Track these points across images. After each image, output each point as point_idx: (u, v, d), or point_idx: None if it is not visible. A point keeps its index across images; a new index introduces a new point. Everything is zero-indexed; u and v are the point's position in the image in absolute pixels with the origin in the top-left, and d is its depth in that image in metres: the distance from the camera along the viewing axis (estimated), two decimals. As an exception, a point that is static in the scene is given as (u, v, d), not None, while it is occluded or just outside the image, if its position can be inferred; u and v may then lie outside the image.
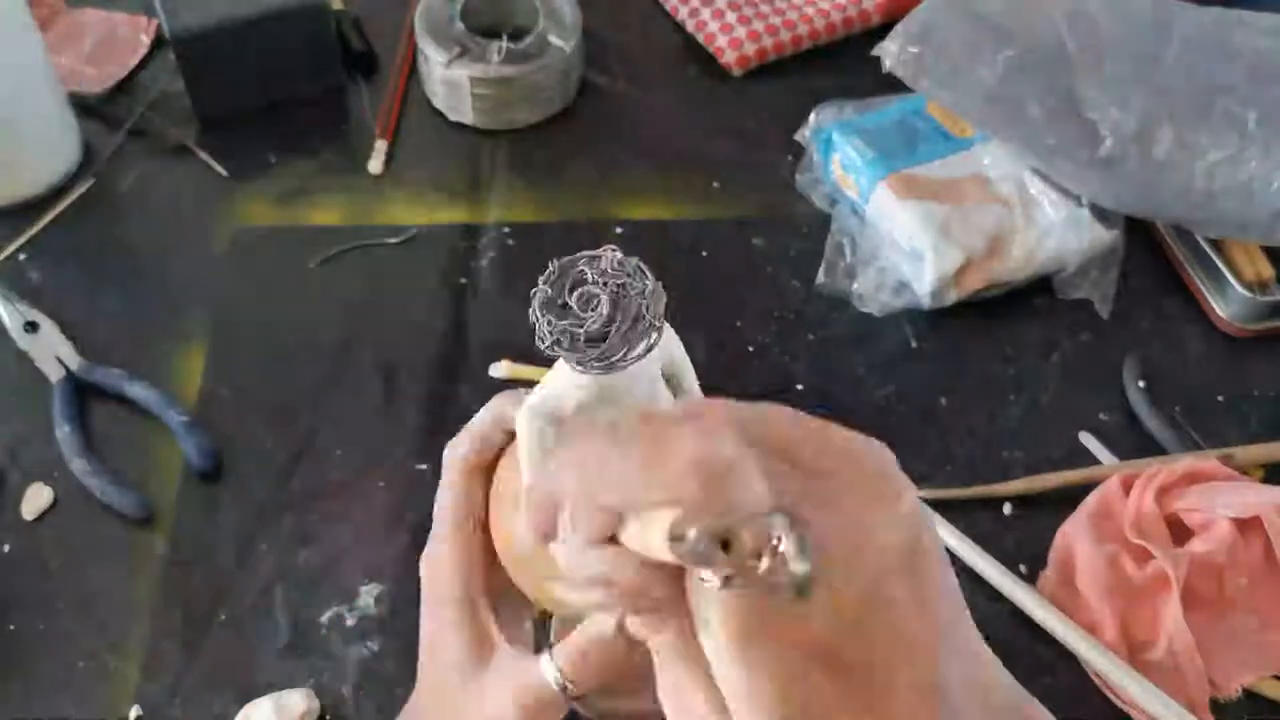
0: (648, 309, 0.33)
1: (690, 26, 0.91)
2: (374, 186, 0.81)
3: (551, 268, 0.34)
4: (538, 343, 0.34)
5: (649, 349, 0.34)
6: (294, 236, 0.78)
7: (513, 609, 0.45)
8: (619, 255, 0.34)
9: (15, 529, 0.64)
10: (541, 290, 0.33)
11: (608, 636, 0.40)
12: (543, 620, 0.45)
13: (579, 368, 0.34)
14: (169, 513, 0.65)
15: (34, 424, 0.68)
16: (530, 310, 0.34)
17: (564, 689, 0.41)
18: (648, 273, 0.34)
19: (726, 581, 0.26)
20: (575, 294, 0.33)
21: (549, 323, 0.33)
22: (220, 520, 0.65)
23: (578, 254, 0.34)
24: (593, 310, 0.33)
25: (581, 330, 0.33)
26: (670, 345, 0.38)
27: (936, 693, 0.29)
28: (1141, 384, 0.72)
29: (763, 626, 0.28)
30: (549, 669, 0.41)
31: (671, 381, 0.39)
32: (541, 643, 0.42)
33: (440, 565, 0.44)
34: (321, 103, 0.85)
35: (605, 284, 0.33)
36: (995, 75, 0.73)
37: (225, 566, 0.63)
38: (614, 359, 0.34)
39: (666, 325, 0.37)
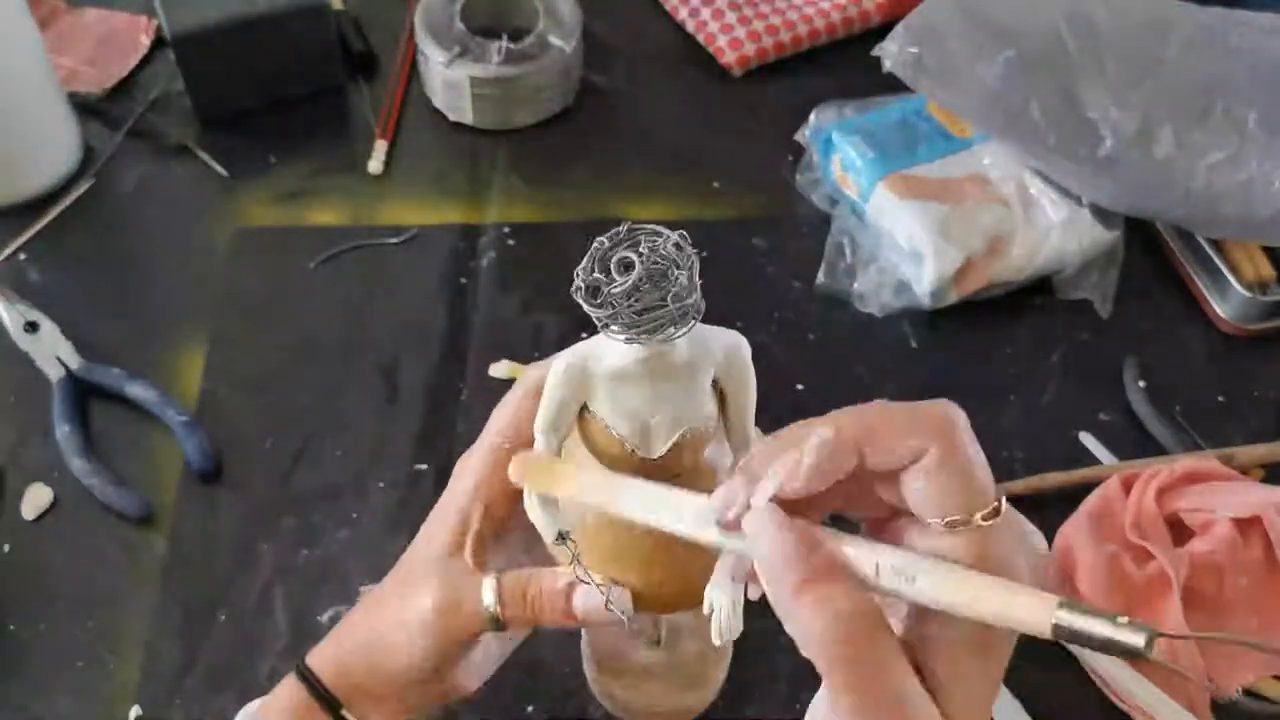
0: (675, 293, 0.34)
1: (690, 26, 0.91)
2: (374, 186, 0.81)
3: (619, 228, 0.35)
4: (572, 289, 0.35)
5: (673, 329, 0.34)
6: (294, 236, 0.77)
7: (509, 551, 0.45)
8: (675, 238, 0.35)
9: (15, 529, 0.64)
10: (598, 242, 0.35)
11: (555, 588, 0.41)
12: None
13: (601, 325, 0.35)
14: (169, 513, 0.65)
15: (34, 424, 0.68)
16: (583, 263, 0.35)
17: (494, 618, 0.42)
18: (693, 263, 0.35)
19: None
20: (617, 258, 0.34)
21: (585, 271, 0.35)
22: (220, 520, 0.65)
23: (644, 225, 0.35)
24: (623, 275, 0.34)
25: (606, 289, 0.34)
26: (732, 355, 0.38)
27: None
28: (1141, 384, 0.72)
29: None
30: (489, 591, 0.42)
31: (725, 392, 0.39)
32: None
33: (463, 473, 0.45)
34: (321, 103, 0.85)
35: (647, 258, 0.34)
36: (995, 75, 0.73)
37: (225, 566, 0.63)
38: (633, 329, 0.34)
39: (740, 343, 0.38)
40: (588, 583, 0.41)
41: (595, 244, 0.35)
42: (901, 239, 0.74)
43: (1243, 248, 0.76)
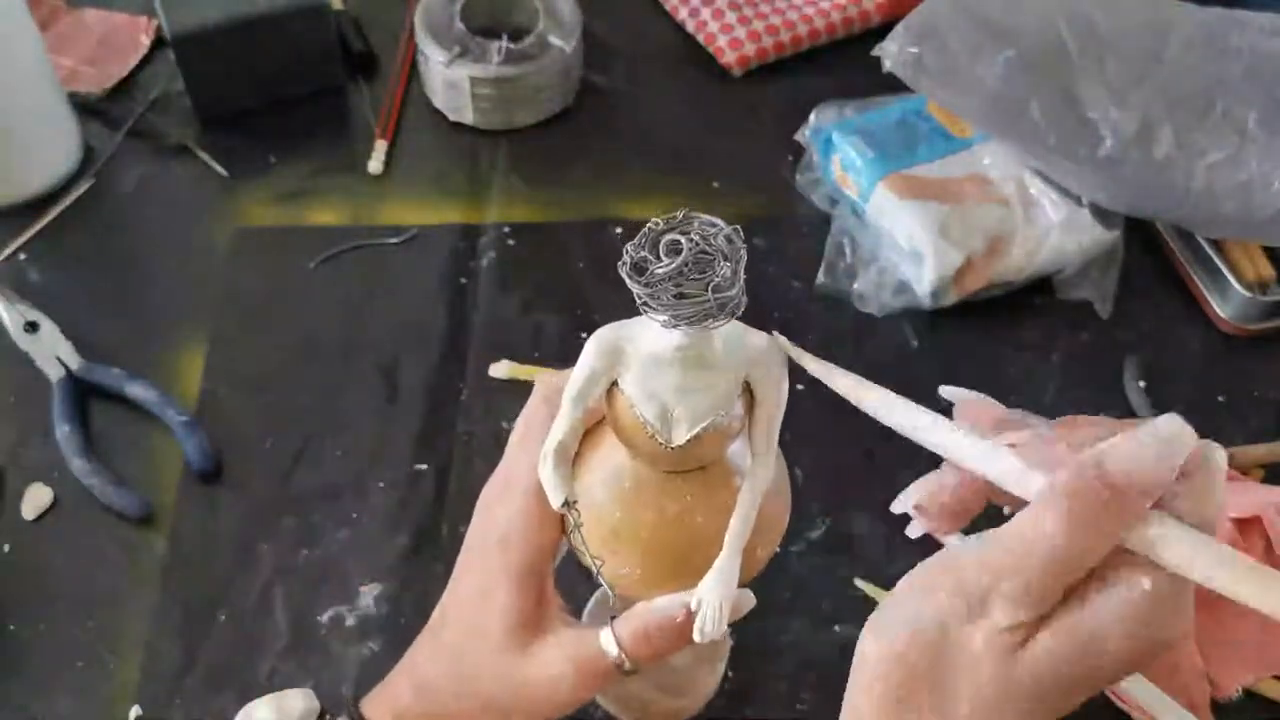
0: (716, 284, 0.34)
1: (690, 26, 0.91)
2: (374, 186, 0.81)
3: (676, 212, 0.35)
4: (619, 264, 0.35)
5: (712, 320, 0.35)
6: (294, 236, 0.77)
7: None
8: (728, 231, 0.35)
9: (15, 529, 0.64)
10: (653, 223, 0.35)
11: (673, 620, 0.41)
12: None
13: (640, 303, 0.35)
14: (169, 513, 0.65)
15: (34, 424, 0.68)
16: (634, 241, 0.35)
17: (620, 665, 0.42)
18: (740, 258, 0.35)
19: None
20: (666, 240, 0.35)
21: (635, 248, 0.35)
22: (220, 520, 0.65)
23: (701, 214, 0.36)
24: (668, 257, 0.34)
25: (650, 268, 0.34)
26: (766, 359, 0.38)
27: None
28: (1141, 384, 0.72)
29: None
30: (609, 642, 0.42)
31: (755, 396, 0.39)
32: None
33: (510, 513, 0.44)
34: (321, 103, 0.85)
35: (695, 244, 0.34)
36: (995, 75, 0.73)
37: (225, 566, 0.63)
38: (670, 312, 0.34)
39: (777, 349, 0.38)
40: (584, 552, 0.41)
41: (650, 223, 0.35)
42: (901, 239, 0.74)
43: (1243, 248, 0.76)
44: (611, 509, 0.41)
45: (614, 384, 0.38)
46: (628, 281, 0.35)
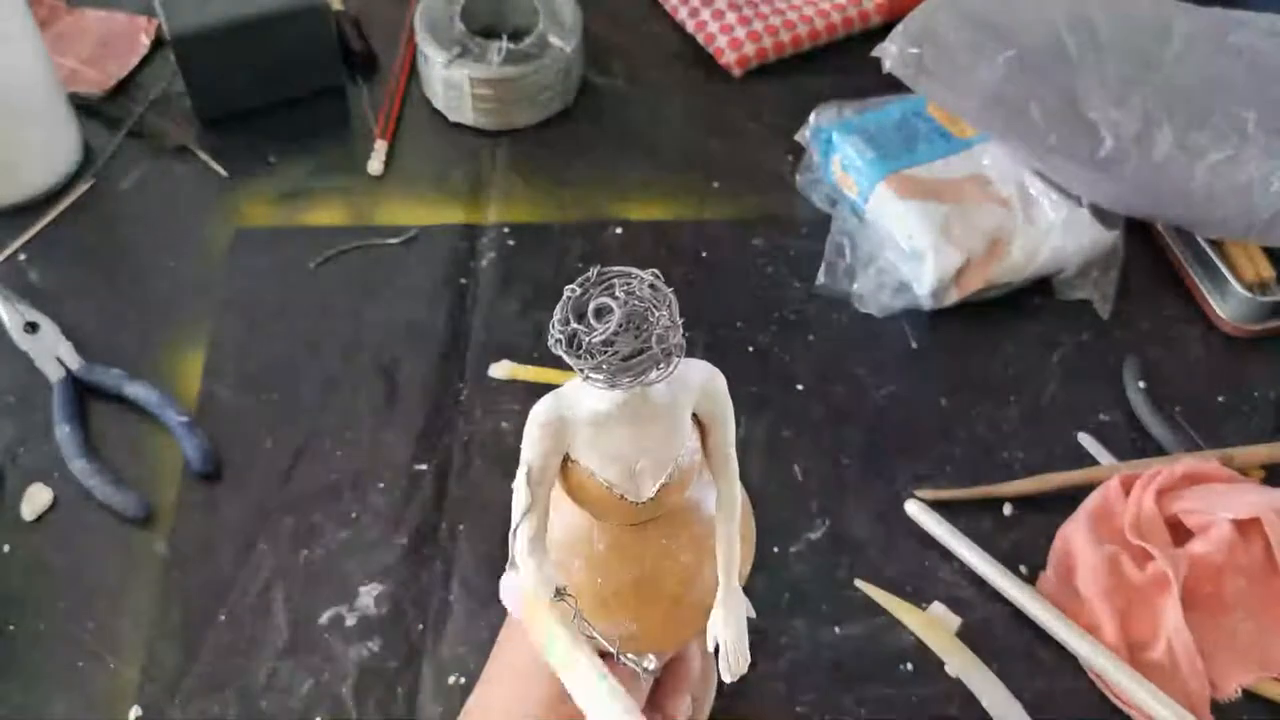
0: (658, 335, 0.33)
1: (690, 26, 0.91)
2: (374, 186, 0.81)
3: (589, 274, 0.33)
4: (550, 342, 0.34)
5: (657, 371, 0.33)
6: (294, 236, 0.78)
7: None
8: (649, 279, 0.33)
9: (15, 529, 0.64)
10: (570, 291, 0.33)
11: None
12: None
13: (583, 375, 0.34)
14: (169, 513, 0.65)
15: (34, 424, 0.68)
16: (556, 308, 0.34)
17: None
18: (671, 301, 0.33)
19: None
20: (593, 305, 0.33)
21: (561, 323, 0.33)
22: (220, 520, 0.65)
23: (613, 269, 0.33)
24: (602, 322, 0.32)
25: (586, 338, 0.33)
26: (710, 387, 0.37)
27: None
28: (1141, 384, 0.72)
29: None
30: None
31: (705, 424, 0.38)
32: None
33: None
34: (321, 103, 0.85)
35: (625, 302, 0.33)
36: (995, 75, 0.73)
37: (225, 566, 0.63)
38: (617, 375, 0.33)
39: (715, 372, 0.37)
40: (592, 637, 0.39)
41: (566, 292, 0.33)
42: (901, 239, 0.74)
43: (1243, 248, 0.76)
44: (592, 578, 0.39)
45: (566, 456, 0.37)
46: (566, 359, 0.33)
